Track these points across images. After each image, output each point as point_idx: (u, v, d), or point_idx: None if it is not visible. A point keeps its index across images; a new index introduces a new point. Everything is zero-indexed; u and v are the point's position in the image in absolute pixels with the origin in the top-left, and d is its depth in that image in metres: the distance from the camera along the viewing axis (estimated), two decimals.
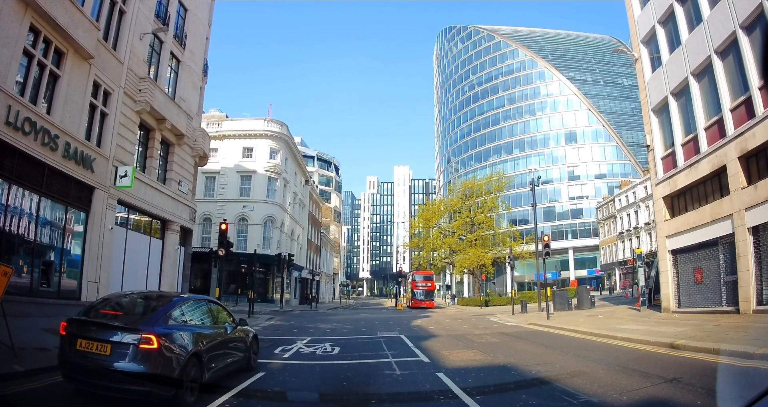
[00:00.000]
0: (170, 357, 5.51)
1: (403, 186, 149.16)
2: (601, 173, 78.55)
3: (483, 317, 24.32)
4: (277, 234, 40.65)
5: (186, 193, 20.77)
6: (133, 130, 16.50)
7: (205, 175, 40.58)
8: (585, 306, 24.03)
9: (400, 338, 14.03)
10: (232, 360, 7.32)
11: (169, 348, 5.53)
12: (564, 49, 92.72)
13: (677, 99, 18.42)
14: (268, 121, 41.54)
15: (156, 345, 5.29)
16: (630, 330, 12.77)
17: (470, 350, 10.85)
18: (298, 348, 11.33)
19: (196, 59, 22.01)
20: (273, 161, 40.87)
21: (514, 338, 13.65)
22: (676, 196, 18.31)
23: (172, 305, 6.38)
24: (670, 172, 18.31)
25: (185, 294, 8.43)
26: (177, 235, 19.91)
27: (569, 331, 14.37)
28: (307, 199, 53.24)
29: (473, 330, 16.32)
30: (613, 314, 19.66)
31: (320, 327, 18.51)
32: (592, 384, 6.49)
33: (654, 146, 19.53)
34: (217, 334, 6.97)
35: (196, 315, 6.82)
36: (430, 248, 53.84)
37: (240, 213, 39.47)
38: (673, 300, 17.98)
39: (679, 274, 18.01)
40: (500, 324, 19.48)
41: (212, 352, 6.52)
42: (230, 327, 7.54)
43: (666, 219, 18.64)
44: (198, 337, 6.26)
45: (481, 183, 53.68)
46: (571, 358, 9.31)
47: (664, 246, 18.47)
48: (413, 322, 21.47)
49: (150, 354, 5.27)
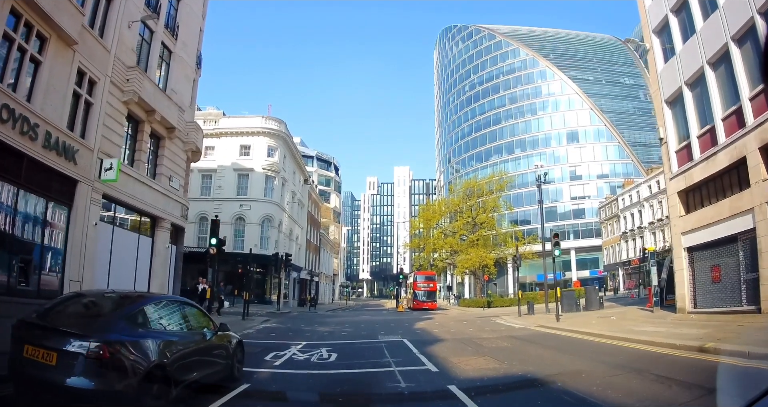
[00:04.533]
0: (125, 370, 4.71)
1: (403, 186, 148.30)
2: (603, 173, 77.95)
3: (488, 319, 23.43)
4: (275, 234, 39.79)
5: (177, 189, 19.94)
6: (120, 121, 15.68)
7: (201, 173, 39.83)
8: (593, 307, 23.15)
9: (403, 343, 13.11)
10: (210, 370, 6.47)
11: (125, 359, 4.73)
12: (565, 48, 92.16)
13: (692, 89, 17.63)
14: (265, 119, 40.69)
15: (107, 356, 4.51)
16: (650, 333, 11.93)
17: (481, 356, 9.93)
18: (291, 355, 10.40)
19: (188, 51, 21.23)
20: (271, 159, 40.01)
21: (526, 342, 12.77)
22: (692, 191, 17.46)
23: (134, 308, 5.58)
24: (685, 165, 17.48)
25: (155, 295, 7.61)
26: (168, 233, 19.07)
27: (584, 334, 13.52)
28: (306, 199, 52.37)
29: (480, 334, 15.43)
30: (625, 315, 18.82)
31: (317, 331, 17.62)
32: (630, 398, 5.63)
33: (667, 139, 18.71)
34: (191, 341, 6.17)
35: (165, 319, 6.00)
36: (431, 248, 52.94)
37: (237, 213, 38.62)
38: (688, 300, 17.14)
39: (695, 273, 17.16)
40: (508, 326, 18.64)
41: (183, 362, 5.68)
42: (209, 333, 6.71)
43: (681, 215, 17.81)
44: (165, 345, 5.40)
45: (482, 182, 52.84)
46: (594, 365, 8.42)
47: (679, 243, 17.63)
48: (416, 325, 20.61)
49: (100, 367, 4.50)
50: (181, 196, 20.32)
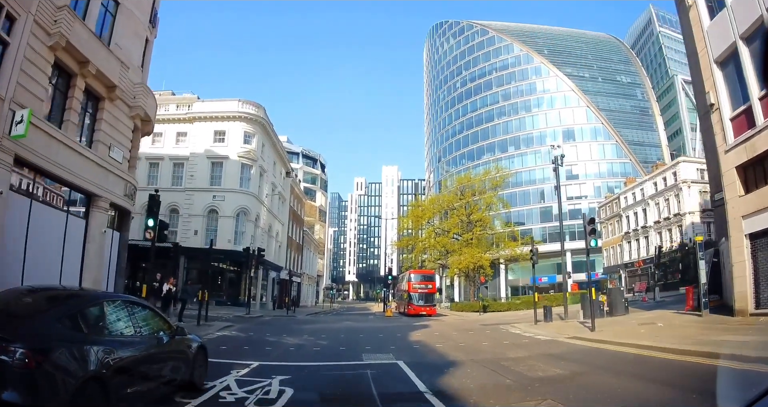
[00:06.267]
0: (54, 381, 3.95)
1: (391, 186, 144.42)
2: (601, 172, 75.15)
3: (497, 327, 19.61)
4: (251, 228, 35.83)
5: (120, 161, 16.16)
6: (44, 69, 12.26)
7: (173, 161, 36.01)
8: (619, 312, 19.60)
9: (398, 368, 8.99)
10: (165, 379, 5.71)
11: (54, 368, 3.98)
12: (560, 45, 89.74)
13: (749, 44, 14.32)
14: (242, 103, 36.76)
15: (32, 365, 3.78)
16: (749, 344, 8.45)
17: (538, 399, 6.03)
18: (220, 389, 6.57)
19: (141, 6, 17.75)
20: (247, 146, 36.07)
21: (584, 365, 8.90)
22: (754, 164, 14.06)
23: (73, 308, 4.83)
24: (744, 134, 14.13)
25: (100, 293, 6.87)
26: (106, 215, 15.29)
27: (648, 349, 9.84)
28: (288, 193, 48.41)
29: (505, 351, 11.35)
30: (670, 322, 15.30)
31: (283, 343, 13.64)
32: None
33: (719, 105, 15.37)
34: (142, 347, 5.39)
35: (112, 322, 5.24)
36: (421, 248, 49.05)
37: (210, 204, 34.66)
38: (751, 298, 13.75)
39: (759, 265, 13.79)
40: (529, 337, 14.94)
41: (127, 372, 4.88)
42: (166, 337, 5.91)
43: (740, 194, 14.43)
44: (104, 353, 4.55)
45: (477, 179, 49.18)
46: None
47: (738, 229, 14.22)
48: (411, 335, 16.74)
49: (24, 377, 3.77)
50: (125, 171, 16.55)
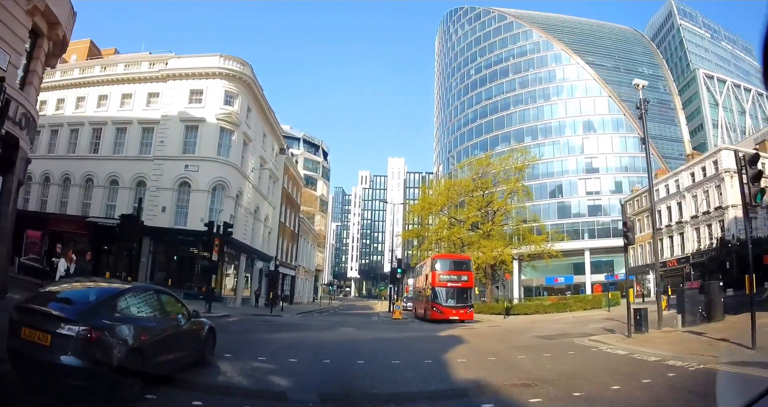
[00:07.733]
0: (109, 351, 5.38)
1: (397, 179, 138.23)
2: (622, 166, 69.45)
3: (572, 343, 13.18)
4: (231, 205, 30.28)
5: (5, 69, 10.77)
6: None
7: (141, 125, 30.81)
8: (717, 317, 14.03)
9: None
10: (183, 354, 7.04)
11: (109, 341, 5.42)
12: (581, 34, 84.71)
13: None
14: (224, 58, 30.99)
15: (93, 338, 5.17)
16: None
17: None
18: None
19: None
20: (228, 108, 30.45)
21: None
22: None
23: (116, 295, 6.14)
24: None
25: (131, 285, 7.47)
26: None
27: None
28: (281, 172, 42.74)
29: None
30: None
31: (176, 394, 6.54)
32: None
33: None
34: (165, 327, 6.74)
35: (142, 306, 6.51)
36: (433, 239, 42.84)
37: (181, 176, 29.16)
38: None
39: None
40: (660, 364, 9.12)
41: (158, 346, 6.28)
42: (183, 320, 7.28)
43: None
44: (141, 330, 6.04)
45: (499, 162, 42.95)
46: None
47: None
48: (443, 357, 10.48)
49: (88, 348, 5.14)
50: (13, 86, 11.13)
